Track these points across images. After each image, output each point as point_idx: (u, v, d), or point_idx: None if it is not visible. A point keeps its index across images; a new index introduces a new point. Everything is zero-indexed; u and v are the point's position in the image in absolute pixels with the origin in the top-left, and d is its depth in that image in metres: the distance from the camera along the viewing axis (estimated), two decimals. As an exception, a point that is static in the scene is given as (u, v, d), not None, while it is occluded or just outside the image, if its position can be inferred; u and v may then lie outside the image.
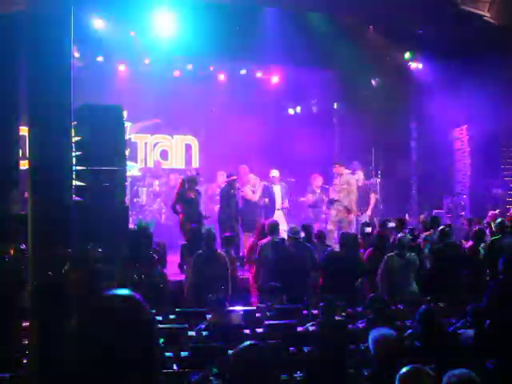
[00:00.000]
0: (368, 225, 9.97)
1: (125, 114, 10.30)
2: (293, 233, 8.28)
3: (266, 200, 11.62)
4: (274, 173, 12.22)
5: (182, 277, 8.69)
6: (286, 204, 12.23)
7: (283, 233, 10.21)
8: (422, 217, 11.69)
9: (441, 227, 8.74)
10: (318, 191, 12.71)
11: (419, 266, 8.07)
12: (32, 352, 5.18)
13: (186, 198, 10.36)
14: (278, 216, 11.74)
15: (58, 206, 5.18)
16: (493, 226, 9.52)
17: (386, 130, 14.12)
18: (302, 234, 8.50)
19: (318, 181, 12.78)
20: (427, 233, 9.18)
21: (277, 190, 12.10)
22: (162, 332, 5.43)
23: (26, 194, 6.95)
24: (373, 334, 4.36)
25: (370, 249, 8.60)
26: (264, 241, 8.47)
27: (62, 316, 4.85)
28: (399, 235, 8.07)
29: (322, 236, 9.32)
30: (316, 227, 10.96)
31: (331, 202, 11.32)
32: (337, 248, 8.89)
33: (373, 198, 12.38)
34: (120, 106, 9.37)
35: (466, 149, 12.53)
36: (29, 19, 5.33)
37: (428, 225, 9.53)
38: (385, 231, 8.97)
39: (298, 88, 15.63)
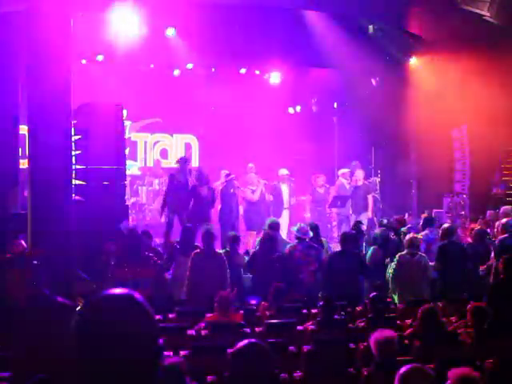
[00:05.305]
0: (361, 222, 10.04)
1: (124, 112, 10.31)
2: (302, 233, 8.23)
3: (271, 197, 11.64)
4: (283, 171, 12.22)
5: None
6: (293, 202, 12.27)
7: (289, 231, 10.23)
8: (424, 216, 11.65)
9: (444, 226, 8.68)
10: (321, 190, 12.70)
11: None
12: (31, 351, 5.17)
13: (195, 194, 10.37)
14: (285, 215, 11.77)
15: (58, 205, 5.18)
16: (495, 225, 9.48)
17: (386, 129, 14.10)
18: (311, 234, 8.46)
19: (320, 180, 12.78)
20: (423, 232, 9.17)
21: (284, 188, 12.11)
22: (161, 331, 5.42)
23: (26, 193, 6.95)
24: (375, 336, 4.35)
25: (375, 247, 8.55)
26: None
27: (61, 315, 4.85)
28: (410, 235, 8.03)
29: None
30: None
31: None
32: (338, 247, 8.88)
33: (370, 198, 12.36)
34: (120, 105, 9.41)
35: (465, 148, 12.51)
36: (29, 19, 5.33)
37: (423, 225, 9.52)
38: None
39: (297, 88, 15.61)
